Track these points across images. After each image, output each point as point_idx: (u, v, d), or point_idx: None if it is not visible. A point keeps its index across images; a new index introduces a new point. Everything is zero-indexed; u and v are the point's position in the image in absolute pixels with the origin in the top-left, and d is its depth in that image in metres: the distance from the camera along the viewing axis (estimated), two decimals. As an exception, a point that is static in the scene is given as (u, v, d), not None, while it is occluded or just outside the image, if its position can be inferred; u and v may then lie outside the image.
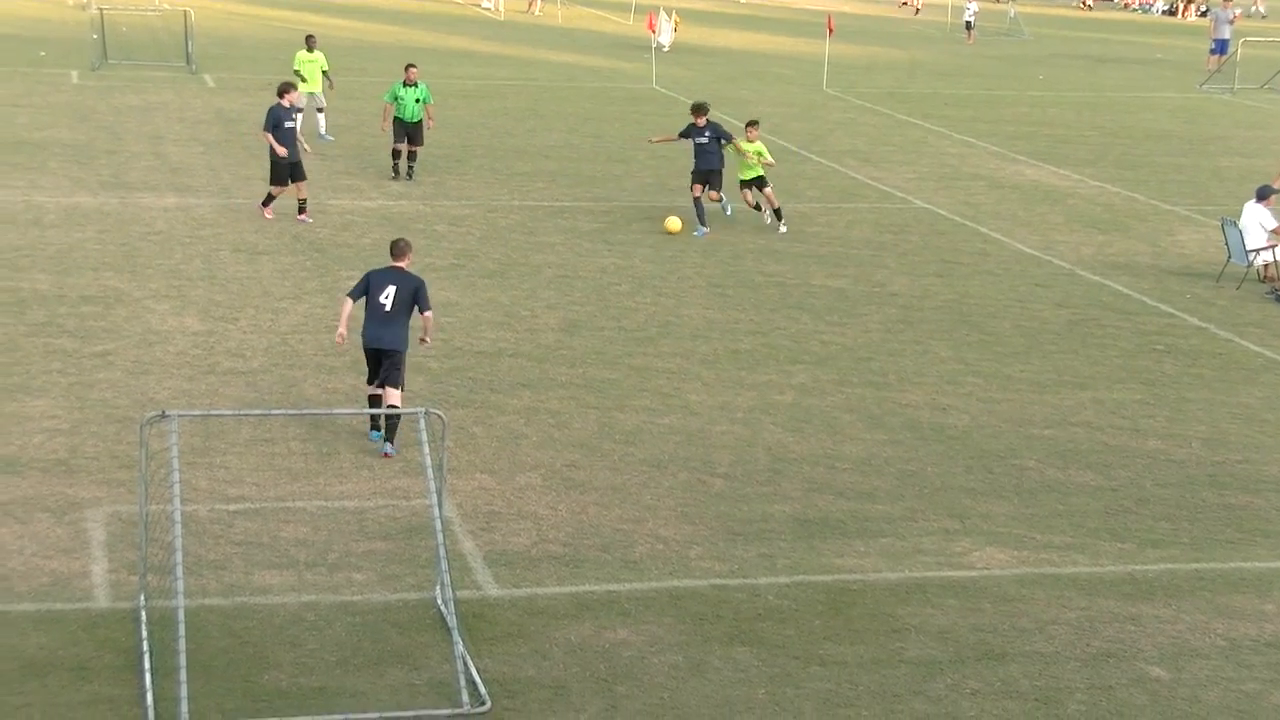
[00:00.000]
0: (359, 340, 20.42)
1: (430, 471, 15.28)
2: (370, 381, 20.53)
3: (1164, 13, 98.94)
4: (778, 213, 33.54)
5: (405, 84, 36.52)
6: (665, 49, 63.37)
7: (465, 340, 24.89)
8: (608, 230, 32.83)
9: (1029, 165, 43.42)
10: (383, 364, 20.27)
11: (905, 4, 59.13)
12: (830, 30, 59.62)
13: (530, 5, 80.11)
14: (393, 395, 20.12)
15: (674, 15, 67.36)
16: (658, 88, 54.80)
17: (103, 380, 22.26)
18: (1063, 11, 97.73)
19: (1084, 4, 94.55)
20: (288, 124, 32.17)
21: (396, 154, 36.91)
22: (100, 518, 17.81)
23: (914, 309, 28.13)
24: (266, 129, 32.03)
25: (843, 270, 30.53)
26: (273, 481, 19.03)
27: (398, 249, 20.85)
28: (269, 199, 32.53)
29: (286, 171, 32.09)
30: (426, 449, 15.25)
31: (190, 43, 53.79)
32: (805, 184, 39.04)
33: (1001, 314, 28.02)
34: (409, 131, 36.66)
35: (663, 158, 41.33)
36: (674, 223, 32.64)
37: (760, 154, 33.34)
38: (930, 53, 71.88)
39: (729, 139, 33.13)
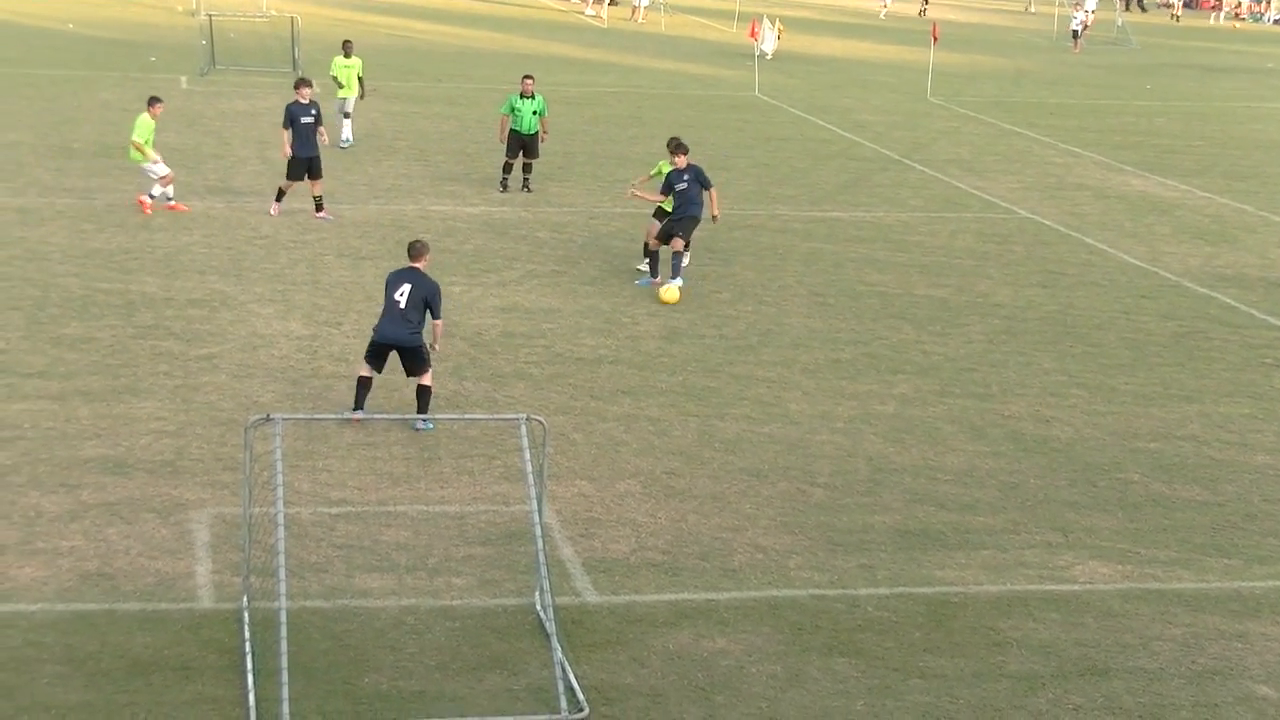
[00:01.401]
0: (464, 336, 20.45)
1: (531, 477, 15.30)
2: (371, 368, 21.16)
3: (1275, 22, 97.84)
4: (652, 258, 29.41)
5: (522, 95, 35.79)
6: (768, 57, 63.35)
7: (566, 347, 24.95)
8: (709, 237, 32.75)
9: (1135, 175, 43.09)
10: (403, 360, 21.01)
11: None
12: (935, 38, 59.42)
13: (634, 13, 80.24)
14: (424, 377, 21.02)
15: (777, 23, 67.32)
16: (760, 95, 54.77)
17: (208, 383, 22.46)
18: (1158, 20, 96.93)
19: (1173, 16, 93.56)
20: (304, 119, 32.28)
21: (508, 168, 36.36)
22: (205, 519, 17.97)
23: (1017, 320, 27.98)
24: (285, 126, 32.44)
25: (945, 280, 30.40)
26: (374, 485, 19.13)
27: (414, 250, 21.35)
28: (280, 194, 32.97)
29: (303, 168, 32.38)
30: (528, 455, 15.28)
31: (297, 48, 54.18)
32: (908, 193, 38.90)
33: (1106, 326, 27.82)
34: (524, 144, 36.06)
35: (764, 165, 41.34)
36: (671, 293, 27.80)
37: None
38: (1036, 61, 71.47)
39: (709, 185, 29.17)
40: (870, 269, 30.98)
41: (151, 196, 32.11)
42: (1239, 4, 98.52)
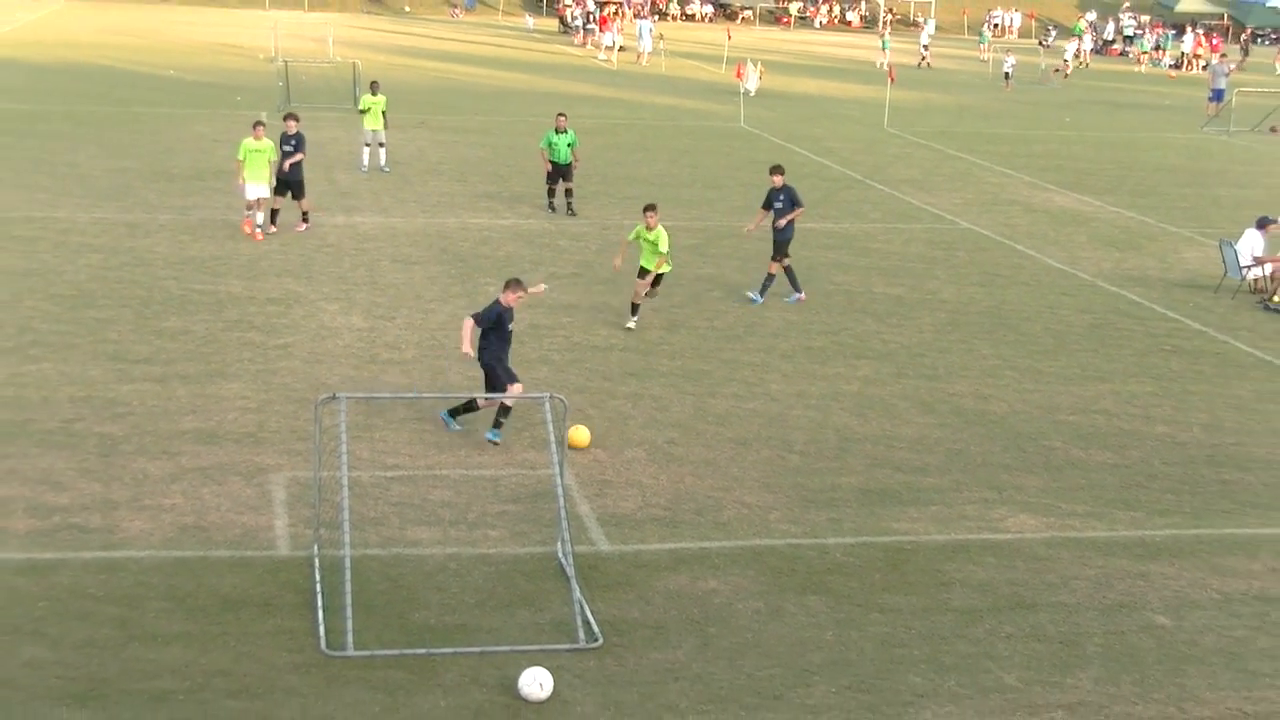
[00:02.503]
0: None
1: (554, 446, 15.31)
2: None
3: (1171, 67, 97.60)
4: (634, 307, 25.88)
5: (557, 131, 35.29)
6: (751, 94, 63.12)
7: (582, 337, 24.91)
8: (703, 245, 32.74)
9: (1058, 193, 42.96)
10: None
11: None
12: (892, 79, 59.25)
13: (639, 57, 80.00)
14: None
15: (759, 65, 67.07)
16: (745, 126, 54.65)
17: (284, 368, 22.45)
18: (1072, 63, 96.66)
19: (1084, 64, 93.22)
20: (285, 148, 31.43)
21: (551, 193, 35.81)
22: (282, 481, 17.98)
23: (960, 313, 27.92)
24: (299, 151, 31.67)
25: (900, 280, 30.34)
26: (423, 453, 19.13)
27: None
28: (273, 213, 31.83)
29: (284, 189, 31.61)
30: (551, 427, 15.29)
31: (357, 88, 54.04)
32: (869, 207, 38.82)
33: (1034, 318, 27.76)
34: (561, 172, 35.45)
35: (749, 185, 41.19)
36: (582, 435, 19.78)
37: (657, 245, 25.24)
38: (975, 98, 71.28)
39: (800, 205, 28.14)
40: (837, 271, 30.92)
41: (259, 226, 31.49)
42: (1143, 54, 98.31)
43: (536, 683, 13.21)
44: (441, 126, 49.82)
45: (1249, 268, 30.59)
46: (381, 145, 40.38)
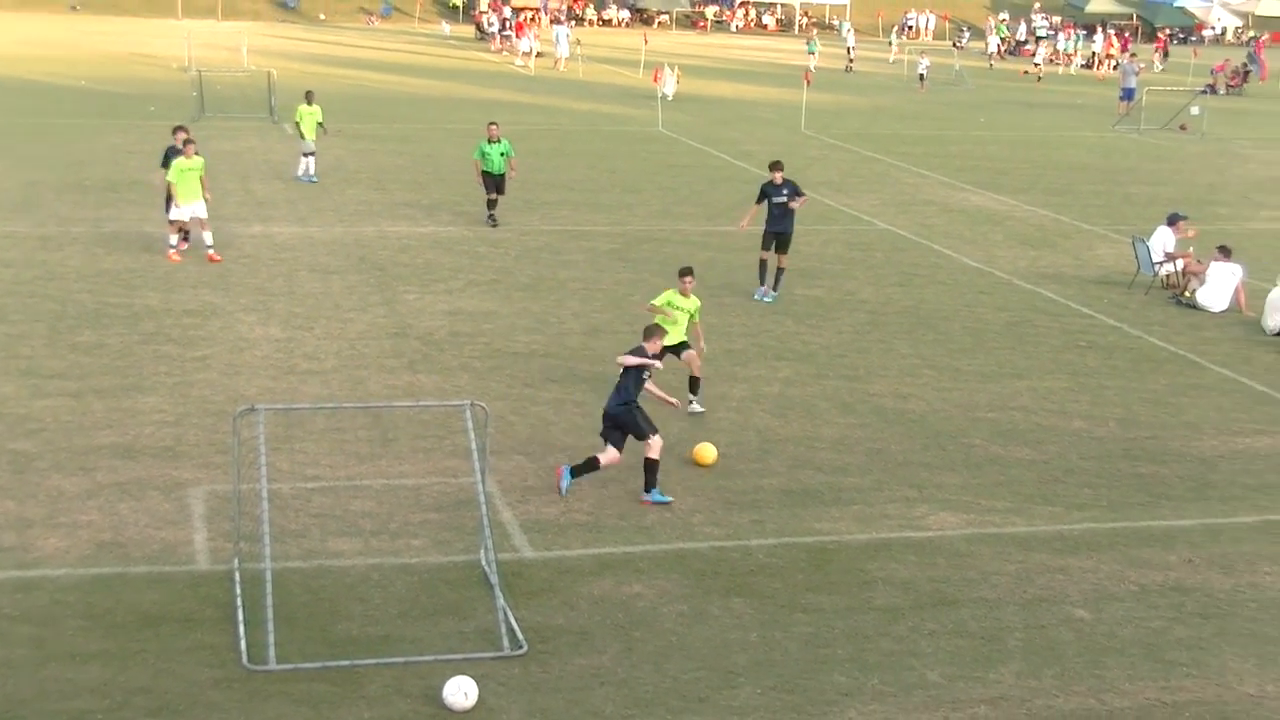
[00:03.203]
0: (417, 335, 20.23)
1: (475, 454, 15.26)
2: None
3: (1082, 67, 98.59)
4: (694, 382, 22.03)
5: (489, 141, 34.67)
6: (669, 98, 63.21)
7: (503, 343, 24.85)
8: (623, 250, 32.76)
9: (973, 193, 43.31)
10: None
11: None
12: (808, 81, 59.49)
13: (556, 63, 79.92)
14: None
15: (676, 69, 67.19)
16: (663, 130, 54.73)
17: (201, 380, 22.25)
18: (979, 63, 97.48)
19: (989, 65, 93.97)
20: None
21: (490, 204, 35.08)
22: (201, 495, 17.82)
23: (879, 313, 28.07)
24: (165, 166, 29.89)
25: (819, 281, 30.46)
26: (343, 464, 19.01)
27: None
28: (185, 233, 30.18)
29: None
30: (472, 435, 15.23)
31: (273, 97, 53.76)
32: (786, 210, 38.92)
33: (951, 317, 27.94)
34: (496, 182, 34.86)
35: (668, 189, 41.31)
36: (709, 452, 19.79)
37: (693, 316, 21.96)
38: (890, 100, 71.75)
39: (802, 195, 28.88)
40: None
41: (209, 246, 30.10)
42: (1044, 58, 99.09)
43: (461, 692, 13.17)
44: (358, 135, 49.53)
45: (1161, 264, 30.99)
46: (310, 155, 39.97)
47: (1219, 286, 29.65)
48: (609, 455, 18.13)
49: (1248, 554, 17.53)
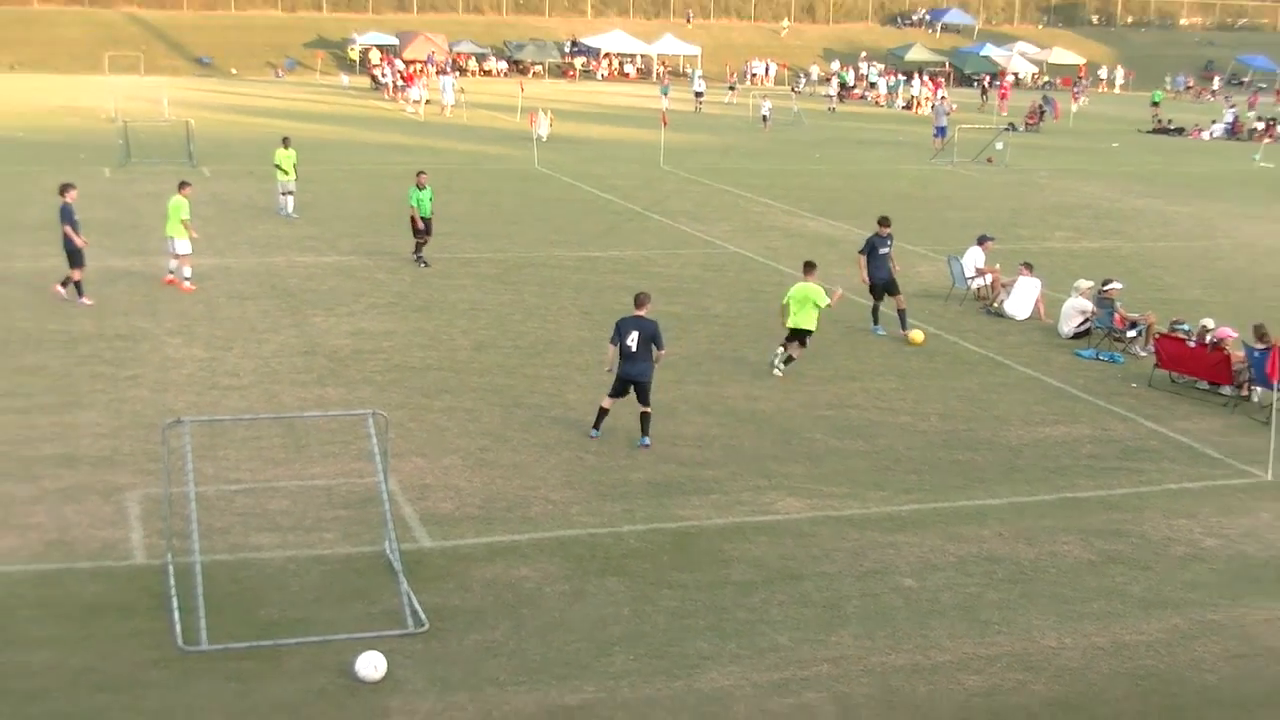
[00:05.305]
0: (324, 353, 20.17)
1: (378, 457, 15.31)
2: (612, 396, 20.50)
3: (903, 108, 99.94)
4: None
5: (419, 188, 33.57)
6: (544, 139, 63.21)
7: (401, 359, 24.83)
8: (504, 274, 32.81)
9: (811, 219, 43.80)
10: (636, 392, 20.23)
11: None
12: (665, 123, 59.79)
13: (443, 109, 79.50)
14: (645, 408, 20.36)
15: (549, 114, 67.26)
16: (539, 168, 54.74)
17: (134, 397, 22.02)
18: (819, 105, 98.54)
19: (830, 109, 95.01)
20: (76, 217, 27.95)
21: (419, 246, 33.82)
22: (136, 498, 17.66)
23: (731, 326, 28.37)
24: (65, 223, 27.76)
25: (678, 299, 30.69)
26: (262, 468, 18.93)
27: (638, 301, 20.47)
28: (68, 281, 28.37)
29: (83, 257, 28.24)
30: (375, 440, 15.29)
31: (191, 143, 53.07)
32: (649, 236, 39.18)
33: (793, 328, 28.22)
34: (426, 224, 33.64)
35: (544, 219, 41.36)
36: (917, 335, 27.44)
37: (817, 303, 24.46)
38: (738, 139, 72.25)
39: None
40: (624, 293, 30.97)
41: (186, 278, 29.74)
42: (876, 98, 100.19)
43: (371, 665, 13.25)
44: (267, 175, 48.94)
45: (973, 279, 31.65)
46: (289, 194, 39.74)
47: (1022, 297, 30.31)
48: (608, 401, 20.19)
49: (1048, 527, 18.02)
